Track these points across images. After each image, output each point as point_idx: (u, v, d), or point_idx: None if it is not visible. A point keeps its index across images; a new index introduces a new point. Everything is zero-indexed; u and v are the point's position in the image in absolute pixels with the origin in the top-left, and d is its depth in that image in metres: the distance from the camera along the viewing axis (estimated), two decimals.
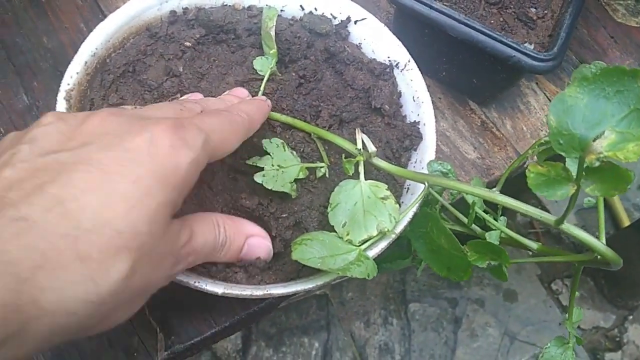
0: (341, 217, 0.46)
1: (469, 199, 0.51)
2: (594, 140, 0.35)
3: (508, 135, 0.65)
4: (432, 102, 0.65)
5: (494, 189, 0.47)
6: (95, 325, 0.34)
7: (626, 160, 0.35)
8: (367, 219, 0.46)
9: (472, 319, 1.61)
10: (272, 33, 0.54)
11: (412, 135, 0.55)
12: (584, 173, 0.36)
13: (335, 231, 0.46)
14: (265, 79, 0.54)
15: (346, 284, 1.56)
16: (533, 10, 0.60)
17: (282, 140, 0.50)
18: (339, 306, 1.57)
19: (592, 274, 1.69)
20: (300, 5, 0.59)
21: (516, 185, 0.84)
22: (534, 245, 0.50)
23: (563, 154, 0.36)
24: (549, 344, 0.50)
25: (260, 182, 0.47)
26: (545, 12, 0.60)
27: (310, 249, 0.45)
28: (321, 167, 0.51)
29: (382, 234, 0.46)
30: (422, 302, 1.61)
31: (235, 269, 0.49)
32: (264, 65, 0.54)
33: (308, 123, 0.53)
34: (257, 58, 0.54)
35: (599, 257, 0.42)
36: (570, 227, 0.42)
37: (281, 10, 0.59)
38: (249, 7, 0.58)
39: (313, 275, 0.49)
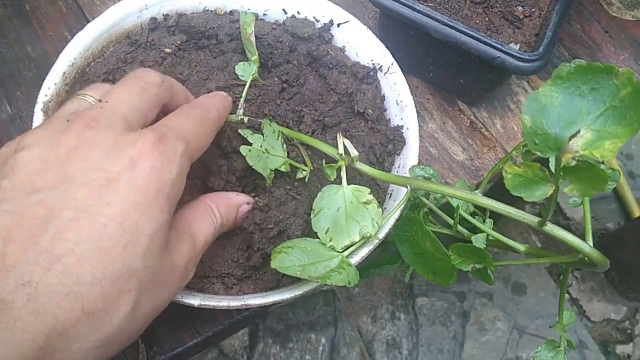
0: (324, 222, 0.46)
1: (454, 202, 0.51)
2: (569, 139, 0.34)
3: (498, 135, 0.64)
4: (420, 103, 0.64)
5: (477, 191, 0.46)
6: (101, 356, 0.35)
7: (602, 159, 0.34)
8: (349, 224, 0.46)
9: (481, 312, 1.60)
10: (252, 39, 0.53)
11: (395, 140, 0.54)
12: (561, 173, 0.35)
13: (319, 237, 0.46)
14: (248, 85, 0.53)
15: None
16: (519, 8, 0.59)
17: (279, 129, 0.49)
18: (345, 301, 1.56)
19: None
20: (283, 9, 0.58)
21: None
22: (521, 247, 0.49)
23: (539, 153, 0.36)
24: (539, 348, 0.49)
25: (244, 154, 0.46)
26: (532, 10, 0.59)
27: (290, 257, 0.44)
28: (304, 169, 0.50)
29: (365, 239, 0.46)
30: (430, 297, 1.60)
31: (212, 280, 0.49)
32: (246, 71, 0.54)
33: (291, 128, 0.53)
34: (239, 64, 0.54)
35: (585, 258, 0.42)
36: (554, 228, 0.41)
37: (263, 14, 0.58)
38: (231, 12, 0.58)
39: (293, 284, 0.49)
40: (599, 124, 0.34)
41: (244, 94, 0.53)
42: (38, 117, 0.49)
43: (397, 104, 0.55)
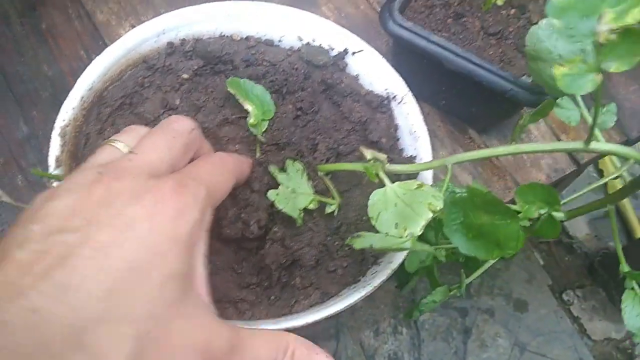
0: (389, 221, 0.43)
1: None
2: (598, 23, 0.36)
3: (508, 164, 0.65)
4: (431, 130, 0.64)
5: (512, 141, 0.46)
6: None
7: (635, 21, 0.36)
8: (416, 208, 0.44)
9: (482, 329, 1.60)
10: (243, 103, 0.53)
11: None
12: (602, 56, 0.36)
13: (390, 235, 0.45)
14: (258, 151, 0.53)
15: None
16: None
17: (303, 166, 0.50)
18: (348, 315, 1.57)
19: (604, 284, 1.67)
20: (298, 36, 0.59)
21: None
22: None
23: (579, 44, 0.37)
24: (624, 302, 0.48)
25: (272, 199, 0.47)
26: None
27: (368, 239, 0.44)
28: (332, 203, 0.51)
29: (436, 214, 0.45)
30: (432, 312, 1.60)
31: (225, 305, 0.49)
32: (254, 128, 0.54)
33: (305, 156, 0.54)
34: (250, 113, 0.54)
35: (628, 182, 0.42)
36: (600, 144, 0.40)
37: (279, 41, 0.59)
38: (247, 38, 0.58)
39: (305, 311, 0.49)
40: (615, 3, 0.36)
41: (257, 152, 0.53)
42: (55, 142, 0.50)
43: (411, 134, 0.56)
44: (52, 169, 0.49)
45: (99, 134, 0.53)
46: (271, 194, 0.46)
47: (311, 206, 0.49)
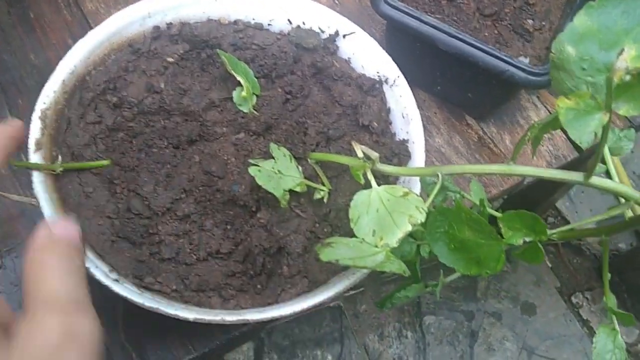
0: (368, 226, 0.42)
1: (476, 197, 0.50)
2: (617, 59, 0.34)
3: (506, 151, 0.63)
4: (427, 117, 0.63)
5: (510, 161, 0.44)
6: None
7: None
8: (396, 218, 0.42)
9: (489, 332, 1.57)
10: (232, 72, 0.52)
11: (400, 154, 0.53)
12: (613, 95, 0.34)
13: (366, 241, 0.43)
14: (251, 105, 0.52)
15: (360, 296, 1.54)
16: (530, 21, 0.58)
17: (289, 153, 0.49)
18: (352, 318, 1.54)
19: (614, 288, 1.64)
20: (288, 19, 0.57)
21: (516, 202, 0.81)
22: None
23: (590, 79, 0.36)
24: (598, 333, 0.46)
25: (252, 174, 0.45)
26: (543, 23, 0.58)
27: (337, 250, 0.41)
28: (322, 189, 0.49)
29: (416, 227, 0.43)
30: (438, 315, 1.58)
31: (209, 293, 0.47)
32: (243, 104, 0.52)
33: (295, 141, 0.52)
34: (236, 90, 0.52)
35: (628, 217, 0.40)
36: (600, 180, 0.38)
37: (268, 24, 0.58)
38: (235, 22, 0.57)
39: (292, 300, 0.48)
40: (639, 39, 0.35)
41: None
42: (36, 125, 0.49)
43: (403, 117, 0.54)
44: (32, 151, 0.48)
45: (81, 119, 0.51)
46: (252, 169, 0.45)
47: (298, 189, 0.47)
